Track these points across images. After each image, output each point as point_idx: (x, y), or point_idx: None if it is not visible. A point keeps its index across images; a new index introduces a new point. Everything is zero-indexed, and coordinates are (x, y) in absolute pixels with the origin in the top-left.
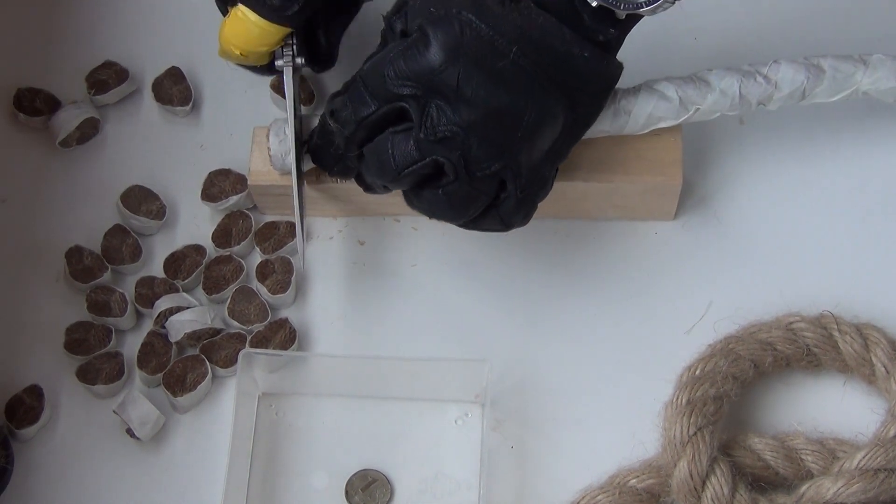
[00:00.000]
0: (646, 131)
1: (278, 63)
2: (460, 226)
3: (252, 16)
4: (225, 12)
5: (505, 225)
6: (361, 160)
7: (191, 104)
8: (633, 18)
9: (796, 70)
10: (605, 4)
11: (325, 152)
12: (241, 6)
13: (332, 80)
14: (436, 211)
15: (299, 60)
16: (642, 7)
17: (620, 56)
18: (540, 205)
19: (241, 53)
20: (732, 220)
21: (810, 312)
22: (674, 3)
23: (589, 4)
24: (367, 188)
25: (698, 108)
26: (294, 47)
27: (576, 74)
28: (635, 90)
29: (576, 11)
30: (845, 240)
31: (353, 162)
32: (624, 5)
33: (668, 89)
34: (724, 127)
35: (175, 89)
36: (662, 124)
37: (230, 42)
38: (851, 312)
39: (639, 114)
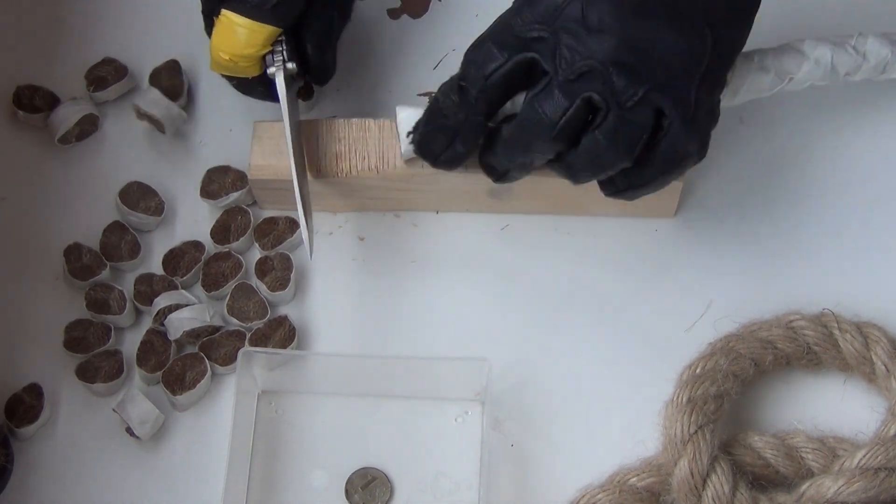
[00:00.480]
0: (741, 102)
1: (270, 70)
2: (640, 182)
3: (236, 17)
4: (210, 25)
5: (679, 156)
6: (488, 148)
7: (184, 97)
8: None
9: (881, 44)
10: None
11: (434, 138)
12: (224, 11)
13: (334, 77)
14: (600, 157)
15: (290, 65)
16: None
17: None
18: (539, 202)
19: (230, 59)
20: (732, 218)
21: (810, 311)
22: None
23: None
24: (501, 176)
25: (792, 78)
26: (284, 52)
27: None
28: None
29: None
30: (846, 238)
31: (465, 144)
32: None
33: (765, 60)
34: (724, 126)
35: (170, 82)
36: (759, 95)
37: (219, 49)
38: (852, 311)
39: (737, 86)
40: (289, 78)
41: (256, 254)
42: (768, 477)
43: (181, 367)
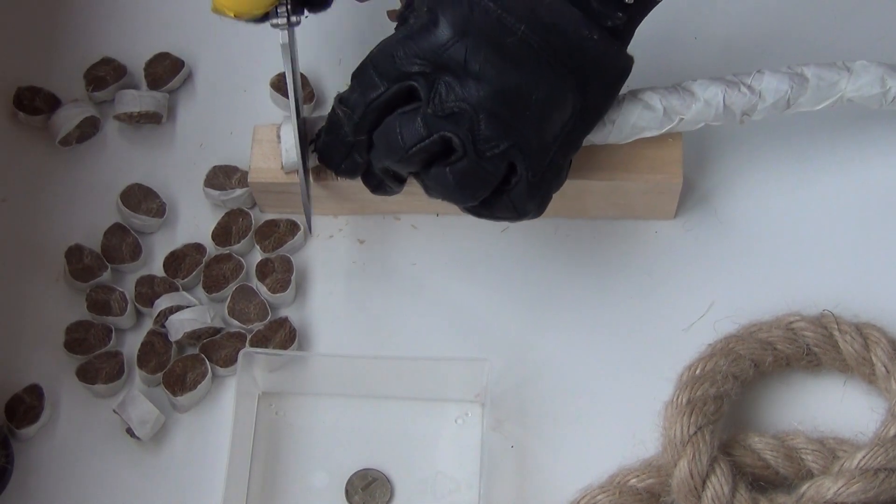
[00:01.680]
0: (629, 141)
1: (272, 21)
2: (473, 212)
3: None
4: None
5: (517, 212)
6: (370, 152)
7: (174, 81)
8: (643, 5)
9: (780, 80)
10: None
11: (333, 149)
12: None
13: (335, 80)
14: (444, 190)
15: (294, 18)
16: None
17: None
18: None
19: (235, 16)
20: (733, 219)
21: (810, 312)
22: None
23: None
24: (376, 187)
25: (682, 119)
26: (288, 6)
27: (585, 57)
28: (619, 100)
29: None
30: (845, 239)
31: (361, 156)
32: None
33: (653, 99)
34: (724, 126)
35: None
36: (646, 134)
37: (224, 5)
38: (851, 312)
39: (623, 123)
40: (292, 30)
41: (257, 256)
42: (768, 478)
43: (182, 368)
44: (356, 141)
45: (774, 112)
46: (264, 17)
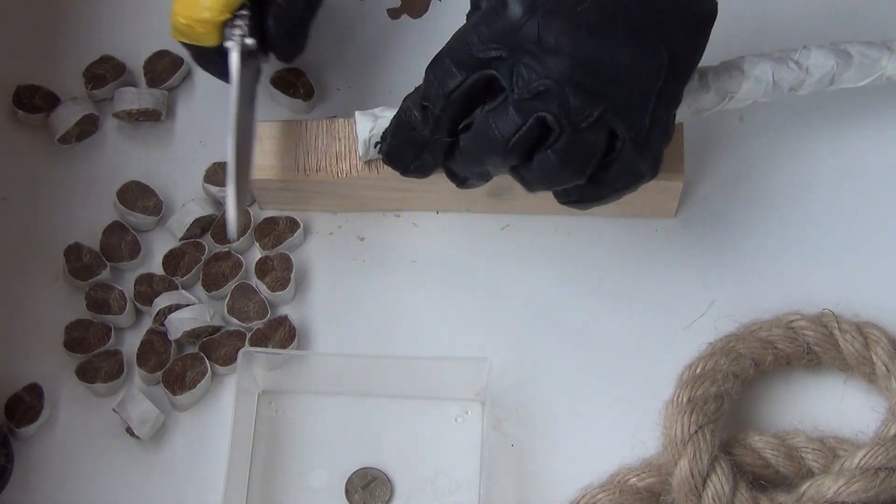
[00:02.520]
0: (681, 121)
1: (226, 44)
2: (592, 197)
3: None
4: None
5: (632, 175)
6: (450, 154)
7: (174, 79)
8: None
9: (826, 56)
10: None
11: (403, 149)
12: None
13: (334, 77)
14: (552, 175)
15: (249, 41)
16: None
17: None
18: (540, 202)
19: (186, 23)
20: (733, 218)
21: (811, 311)
22: None
23: None
24: (462, 182)
25: (733, 96)
26: (244, 26)
27: (663, 9)
28: None
29: None
30: (846, 238)
31: (434, 155)
32: None
33: (705, 79)
34: (724, 125)
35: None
36: (703, 114)
37: (177, 12)
38: (852, 311)
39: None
40: (246, 54)
41: (256, 254)
42: (768, 477)
43: (181, 367)
44: (432, 140)
45: (819, 87)
46: (221, 52)
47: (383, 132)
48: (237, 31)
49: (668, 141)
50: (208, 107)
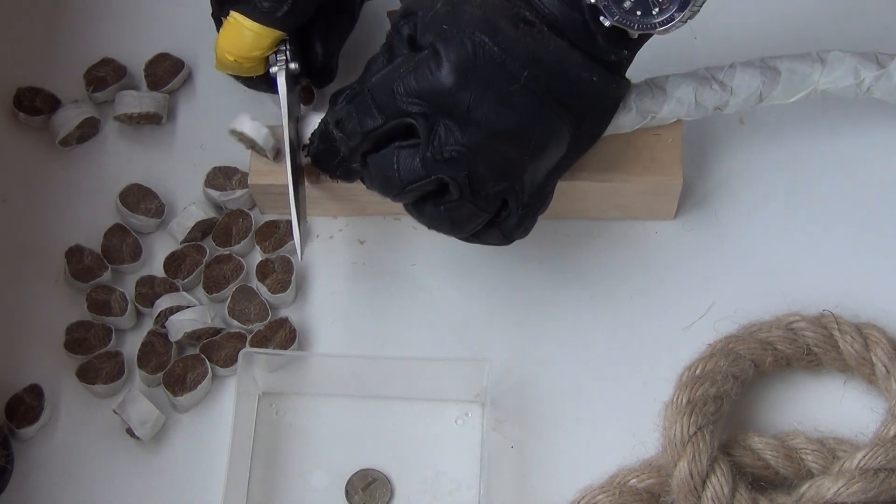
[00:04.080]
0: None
1: (272, 69)
2: (461, 239)
3: (244, 20)
4: (220, 26)
5: (506, 238)
6: (365, 168)
7: (174, 82)
8: (645, 38)
9: (752, 74)
10: (619, 25)
11: (327, 156)
12: (233, 13)
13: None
14: (437, 225)
15: (293, 66)
16: (656, 28)
17: None
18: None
19: (235, 60)
20: (733, 219)
21: (810, 312)
22: (685, 22)
23: (602, 25)
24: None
25: (654, 116)
26: (287, 53)
27: (585, 97)
28: None
29: (589, 32)
30: (845, 240)
31: (357, 169)
32: (637, 25)
33: (627, 99)
34: (724, 127)
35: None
36: (621, 131)
37: (224, 49)
38: (851, 312)
39: None
40: (290, 78)
41: (257, 256)
42: (768, 478)
43: (182, 368)
44: (350, 159)
45: (747, 106)
46: (267, 77)
47: (311, 135)
48: (281, 58)
49: (544, 210)
50: (209, 110)
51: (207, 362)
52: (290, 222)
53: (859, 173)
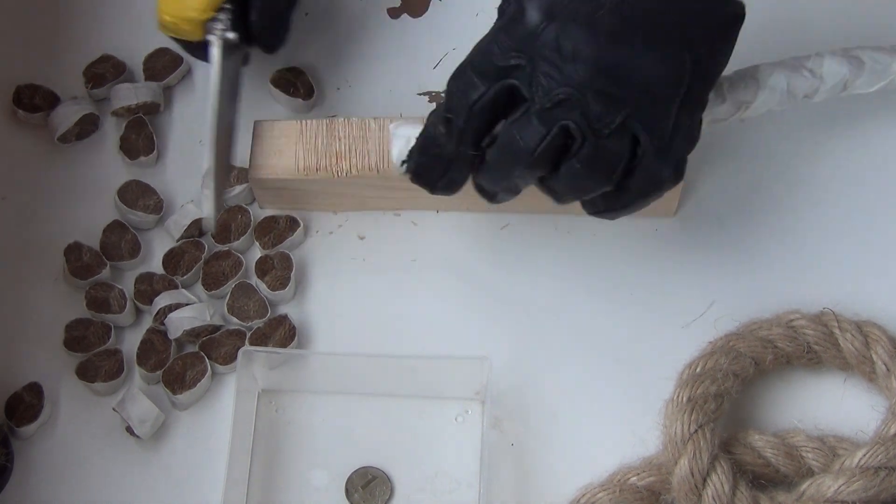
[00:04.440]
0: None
1: (208, 37)
2: (618, 205)
3: None
4: None
5: (654, 181)
6: (478, 170)
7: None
8: None
9: (839, 63)
10: None
11: (430, 167)
12: None
13: (334, 76)
14: (579, 183)
15: (231, 35)
16: None
17: None
18: (540, 201)
19: (172, 21)
20: (732, 217)
21: (811, 310)
22: None
23: None
24: (492, 197)
25: (749, 106)
26: (227, 20)
27: (686, 12)
28: None
29: None
30: (846, 237)
31: (461, 172)
32: None
33: (720, 89)
34: (724, 126)
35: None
36: (717, 124)
37: (163, 10)
38: (852, 310)
39: None
40: (230, 47)
41: (257, 253)
42: (768, 476)
43: (181, 366)
44: (458, 154)
45: (832, 94)
46: (206, 46)
47: (409, 150)
48: (219, 26)
49: (692, 146)
50: (207, 106)
51: (207, 360)
52: (290, 218)
53: (860, 171)
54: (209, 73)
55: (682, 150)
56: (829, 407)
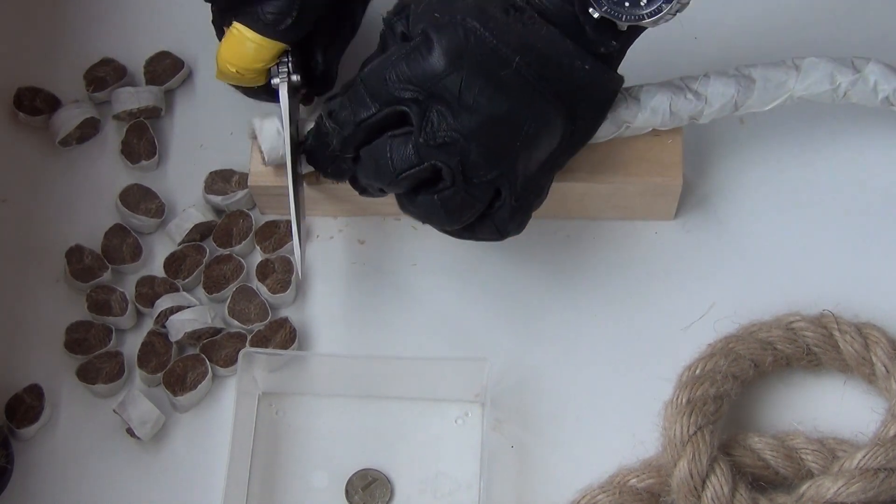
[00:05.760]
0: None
1: (274, 81)
2: (455, 234)
3: (247, 32)
4: (221, 35)
5: (500, 233)
6: (357, 162)
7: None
8: (635, 30)
9: (726, 83)
10: (607, 16)
11: (321, 153)
12: (236, 24)
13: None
14: (430, 216)
15: (295, 78)
16: (644, 19)
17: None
18: (541, 205)
19: (237, 72)
20: (732, 220)
21: (810, 312)
22: (675, 14)
23: (591, 16)
24: (362, 191)
25: (629, 126)
26: (290, 65)
27: (577, 86)
28: None
29: (578, 23)
30: (845, 239)
31: (348, 164)
32: (626, 17)
33: None
34: (723, 127)
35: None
36: (596, 141)
37: (226, 60)
38: (851, 312)
39: None
40: (292, 89)
41: (258, 257)
42: (768, 478)
43: (182, 368)
44: (341, 154)
45: (723, 114)
46: (268, 88)
47: (308, 132)
48: (283, 69)
49: (540, 204)
50: (208, 109)
51: (207, 362)
52: (290, 222)
53: (859, 173)
54: (280, 118)
55: (532, 208)
56: (829, 409)
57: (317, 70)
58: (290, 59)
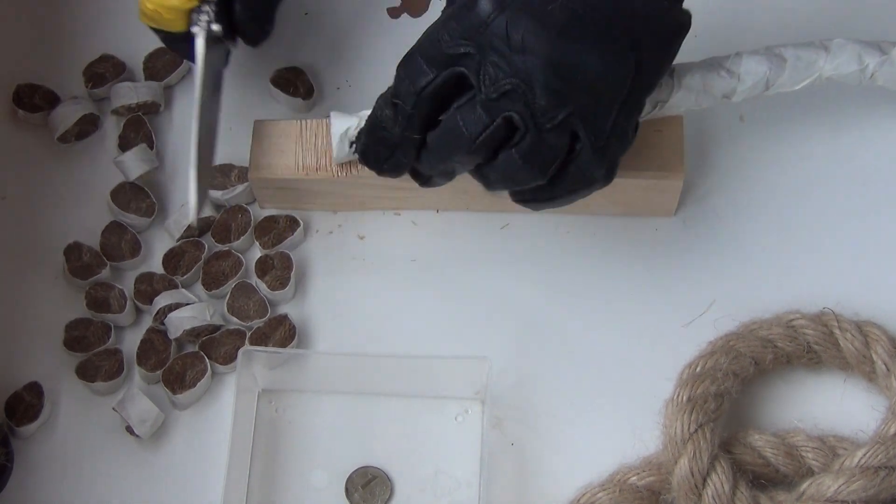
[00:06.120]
0: None
1: (192, 29)
2: (544, 200)
3: None
4: None
5: (586, 179)
6: (420, 152)
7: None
8: None
9: (758, 61)
10: None
11: (376, 149)
12: None
13: (334, 76)
14: (514, 174)
15: (216, 27)
16: None
17: None
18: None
19: (154, 8)
20: (733, 216)
21: (811, 310)
22: None
23: None
24: (426, 181)
25: (663, 105)
26: (210, 13)
27: (635, 15)
28: None
29: None
30: (846, 237)
31: (406, 155)
32: None
33: None
34: (724, 124)
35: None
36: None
37: (144, 5)
38: (852, 310)
39: None
40: (213, 40)
41: (257, 252)
42: (768, 476)
43: (181, 365)
44: (404, 139)
45: (754, 93)
46: (188, 38)
47: (358, 131)
48: (203, 17)
49: (625, 148)
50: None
51: (207, 360)
52: (290, 218)
53: (860, 170)
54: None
55: (617, 152)
56: (829, 407)
57: (239, 16)
58: (214, 8)
